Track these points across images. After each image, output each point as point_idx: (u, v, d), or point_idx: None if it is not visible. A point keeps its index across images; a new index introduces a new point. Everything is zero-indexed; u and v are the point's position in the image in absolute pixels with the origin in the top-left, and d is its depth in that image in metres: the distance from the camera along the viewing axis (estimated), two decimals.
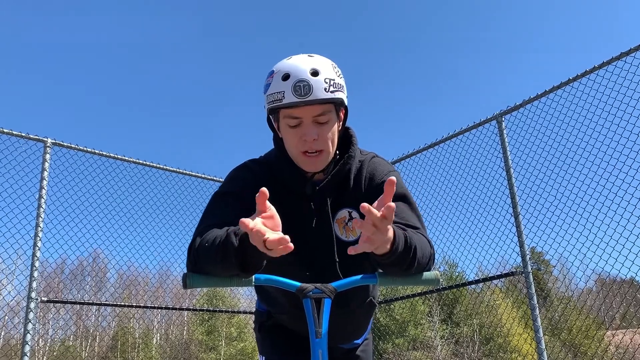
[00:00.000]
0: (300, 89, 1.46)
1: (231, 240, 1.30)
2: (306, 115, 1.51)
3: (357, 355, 1.89)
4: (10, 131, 5.00)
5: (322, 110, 1.52)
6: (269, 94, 1.53)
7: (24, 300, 4.82)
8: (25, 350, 4.59)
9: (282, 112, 1.54)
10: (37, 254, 4.83)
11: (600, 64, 4.53)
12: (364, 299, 1.77)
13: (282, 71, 1.50)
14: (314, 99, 1.47)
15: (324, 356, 1.36)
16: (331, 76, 1.51)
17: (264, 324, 1.86)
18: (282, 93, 1.48)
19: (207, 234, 1.42)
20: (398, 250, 1.33)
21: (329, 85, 1.49)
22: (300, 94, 1.46)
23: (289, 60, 1.54)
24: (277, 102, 1.50)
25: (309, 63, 1.51)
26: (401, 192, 1.65)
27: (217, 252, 1.33)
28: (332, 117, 1.56)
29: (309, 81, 1.47)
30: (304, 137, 1.53)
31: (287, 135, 1.57)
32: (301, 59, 1.53)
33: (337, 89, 1.52)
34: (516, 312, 18.33)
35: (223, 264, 1.33)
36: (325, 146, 1.56)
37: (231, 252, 1.30)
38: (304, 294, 1.40)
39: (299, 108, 1.50)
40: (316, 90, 1.47)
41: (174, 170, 6.41)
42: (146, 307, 5.81)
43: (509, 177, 5.07)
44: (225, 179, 1.70)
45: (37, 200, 5.00)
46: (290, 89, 1.47)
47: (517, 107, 5.15)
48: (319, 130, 1.53)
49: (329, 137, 1.56)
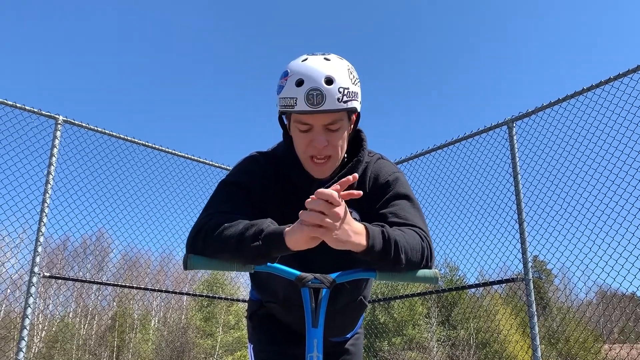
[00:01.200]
0: (313, 97, 1.44)
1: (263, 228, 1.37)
2: (317, 123, 1.51)
3: (346, 349, 1.90)
4: (23, 106, 5.03)
5: (333, 119, 1.51)
6: (281, 96, 1.51)
7: (26, 275, 4.87)
8: (25, 324, 4.65)
9: (294, 116, 1.53)
10: (42, 230, 4.88)
11: (616, 76, 4.49)
12: (354, 297, 1.76)
13: (296, 75, 1.47)
14: (326, 109, 1.46)
15: (319, 345, 1.37)
16: (345, 84, 1.48)
17: (255, 312, 1.87)
18: (295, 100, 1.46)
19: (225, 220, 1.44)
20: (376, 249, 1.36)
21: (342, 95, 1.46)
22: (312, 103, 1.44)
23: (304, 63, 1.50)
24: (289, 108, 1.49)
25: (324, 68, 1.47)
26: (403, 191, 1.66)
27: (237, 242, 1.37)
28: (343, 124, 1.55)
29: (323, 90, 1.44)
30: (313, 143, 1.52)
31: (296, 138, 1.57)
32: (317, 62, 1.49)
33: (351, 98, 1.49)
34: (514, 319, 18.30)
35: (240, 253, 1.37)
36: (334, 152, 1.56)
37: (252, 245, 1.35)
38: (303, 283, 1.41)
39: (311, 116, 1.49)
40: (329, 100, 1.45)
41: (183, 155, 6.43)
42: (146, 289, 5.85)
43: (516, 183, 5.04)
44: (233, 169, 1.70)
45: (45, 176, 5.04)
46: (303, 96, 1.45)
47: (528, 113, 5.12)
48: (329, 137, 1.53)
49: (338, 144, 1.56)
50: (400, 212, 1.58)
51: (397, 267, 1.43)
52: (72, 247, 6.99)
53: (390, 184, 1.67)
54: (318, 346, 1.37)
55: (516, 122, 5.23)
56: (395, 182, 1.68)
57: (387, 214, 1.58)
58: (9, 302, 23.15)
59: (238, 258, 1.39)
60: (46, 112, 5.14)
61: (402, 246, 1.42)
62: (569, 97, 4.80)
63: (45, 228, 4.90)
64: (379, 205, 1.63)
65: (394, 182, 1.68)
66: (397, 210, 1.59)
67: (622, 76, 4.47)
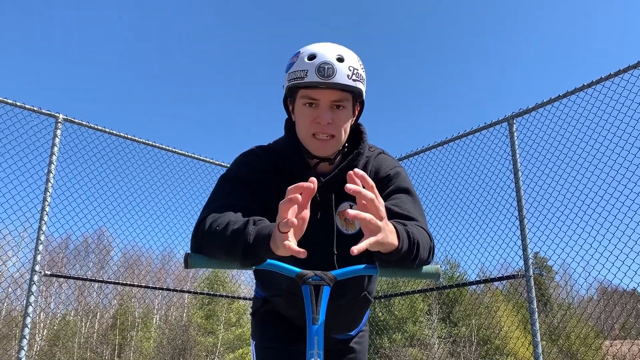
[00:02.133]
0: (324, 70, 1.47)
1: (249, 230, 1.32)
2: (324, 99, 1.52)
3: (351, 347, 1.89)
4: (23, 104, 5.03)
5: (341, 97, 1.53)
6: (291, 71, 1.53)
7: (27, 273, 4.88)
8: (26, 322, 4.66)
9: (301, 92, 1.54)
10: (43, 228, 4.88)
11: (616, 72, 4.48)
12: (358, 293, 1.76)
13: (309, 52, 1.52)
14: (335, 83, 1.48)
15: (320, 343, 1.36)
16: (355, 66, 1.53)
17: (259, 309, 1.87)
18: (306, 72, 1.49)
19: (218, 217, 1.43)
20: (403, 249, 1.33)
21: (352, 73, 1.51)
22: (323, 75, 1.47)
23: (317, 45, 1.55)
24: (298, 80, 1.50)
25: (336, 49, 1.53)
26: (404, 185, 1.66)
27: (227, 241, 1.35)
28: (348, 106, 1.56)
29: (334, 65, 1.48)
30: (317, 119, 1.53)
31: (301, 114, 1.57)
32: (329, 45, 1.55)
33: (359, 79, 1.54)
34: (515, 315, 18.32)
35: (230, 251, 1.35)
36: (337, 132, 1.56)
37: (242, 246, 1.32)
38: (304, 280, 1.41)
39: (319, 90, 1.51)
40: (339, 75, 1.48)
41: (184, 153, 6.43)
42: (147, 287, 5.85)
43: (517, 179, 5.04)
44: (232, 164, 1.71)
45: (46, 174, 5.04)
46: (314, 68, 1.48)
47: (529, 110, 5.12)
48: (334, 115, 1.54)
49: (342, 125, 1.56)
50: (402, 206, 1.57)
51: (410, 265, 1.42)
52: (73, 246, 7.01)
53: (392, 178, 1.68)
54: (319, 343, 1.36)
55: (516, 119, 5.23)
56: (397, 177, 1.68)
57: (388, 208, 1.57)
58: (10, 300, 23.21)
59: (233, 258, 1.38)
60: (46, 111, 5.14)
61: (420, 248, 1.41)
62: (569, 93, 4.80)
63: (46, 226, 4.90)
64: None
65: (395, 176, 1.68)
66: (398, 204, 1.58)
67: (621, 72, 4.47)
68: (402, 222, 1.44)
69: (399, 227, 1.36)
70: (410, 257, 1.38)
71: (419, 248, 1.39)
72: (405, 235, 1.36)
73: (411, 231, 1.39)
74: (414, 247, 1.38)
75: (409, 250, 1.36)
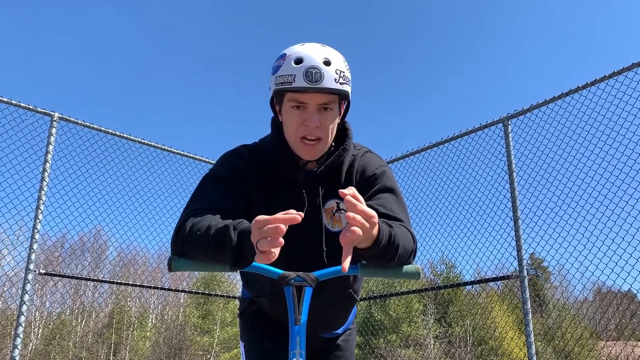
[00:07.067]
0: (312, 75, 1.48)
1: (230, 235, 1.29)
2: (312, 102, 1.52)
3: (337, 345, 1.89)
4: (18, 103, 5.02)
5: (328, 99, 1.53)
6: (278, 75, 1.53)
7: (22, 272, 4.86)
8: (20, 321, 4.64)
9: (288, 95, 1.54)
10: (37, 227, 4.87)
11: (611, 74, 4.50)
12: (342, 291, 1.77)
13: (295, 55, 1.51)
14: (323, 87, 1.49)
15: (302, 343, 1.37)
16: (342, 68, 1.53)
17: (245, 310, 1.87)
18: (293, 76, 1.49)
19: (198, 221, 1.40)
20: (381, 245, 1.33)
21: (339, 76, 1.51)
22: (311, 80, 1.48)
23: (302, 47, 1.55)
24: (286, 85, 1.51)
25: (322, 52, 1.53)
26: (390, 185, 1.67)
27: (210, 244, 1.32)
28: (335, 107, 1.57)
29: (321, 69, 1.49)
30: (306, 122, 1.54)
31: (288, 117, 1.57)
32: (314, 47, 1.55)
33: (346, 81, 1.54)
34: (509, 316, 18.37)
35: (214, 257, 1.33)
36: (324, 135, 1.57)
37: (227, 248, 1.29)
38: (286, 282, 1.42)
39: (307, 94, 1.51)
40: (327, 79, 1.49)
41: (179, 152, 6.43)
42: (142, 286, 5.84)
43: (512, 181, 5.06)
44: (216, 163, 1.70)
45: (41, 173, 5.03)
46: (301, 73, 1.48)
47: (524, 111, 5.14)
48: (322, 117, 1.55)
49: (329, 127, 1.57)
50: (387, 206, 1.58)
51: (388, 264, 1.42)
52: (68, 245, 6.99)
53: (377, 177, 1.69)
54: (301, 343, 1.37)
55: (512, 120, 5.24)
56: (382, 176, 1.69)
57: (372, 207, 1.57)
58: (5, 299, 23.14)
59: (215, 263, 1.36)
60: (42, 109, 5.13)
61: (400, 248, 1.41)
62: (565, 94, 4.81)
63: (40, 225, 4.89)
64: (365, 198, 1.62)
65: (380, 175, 1.69)
66: (383, 204, 1.59)
67: (617, 74, 4.49)
68: (388, 223, 1.44)
69: (383, 226, 1.35)
70: (388, 255, 1.37)
71: (398, 248, 1.39)
72: (387, 234, 1.35)
73: (394, 233, 1.38)
74: (392, 246, 1.37)
75: (387, 247, 1.35)
